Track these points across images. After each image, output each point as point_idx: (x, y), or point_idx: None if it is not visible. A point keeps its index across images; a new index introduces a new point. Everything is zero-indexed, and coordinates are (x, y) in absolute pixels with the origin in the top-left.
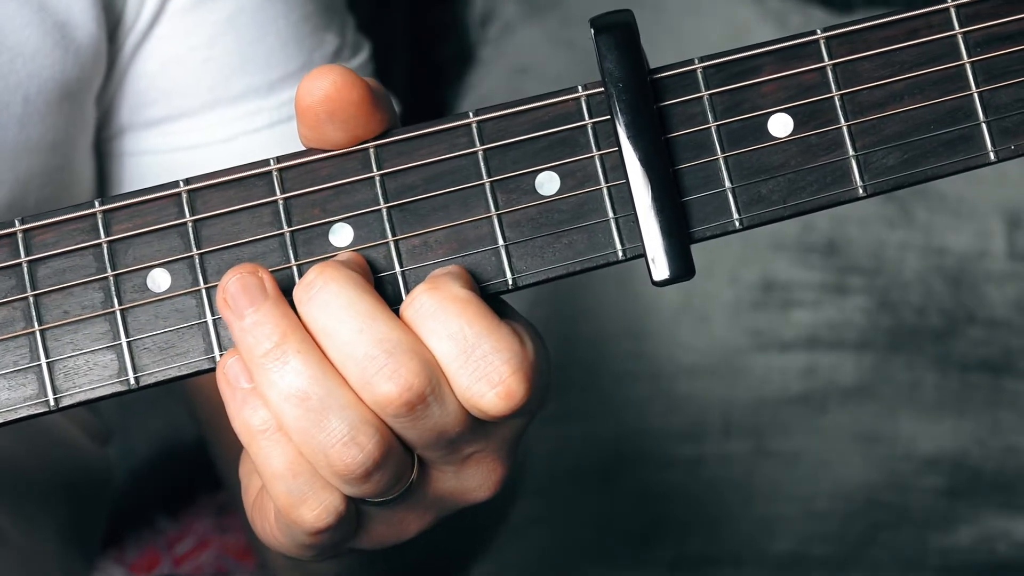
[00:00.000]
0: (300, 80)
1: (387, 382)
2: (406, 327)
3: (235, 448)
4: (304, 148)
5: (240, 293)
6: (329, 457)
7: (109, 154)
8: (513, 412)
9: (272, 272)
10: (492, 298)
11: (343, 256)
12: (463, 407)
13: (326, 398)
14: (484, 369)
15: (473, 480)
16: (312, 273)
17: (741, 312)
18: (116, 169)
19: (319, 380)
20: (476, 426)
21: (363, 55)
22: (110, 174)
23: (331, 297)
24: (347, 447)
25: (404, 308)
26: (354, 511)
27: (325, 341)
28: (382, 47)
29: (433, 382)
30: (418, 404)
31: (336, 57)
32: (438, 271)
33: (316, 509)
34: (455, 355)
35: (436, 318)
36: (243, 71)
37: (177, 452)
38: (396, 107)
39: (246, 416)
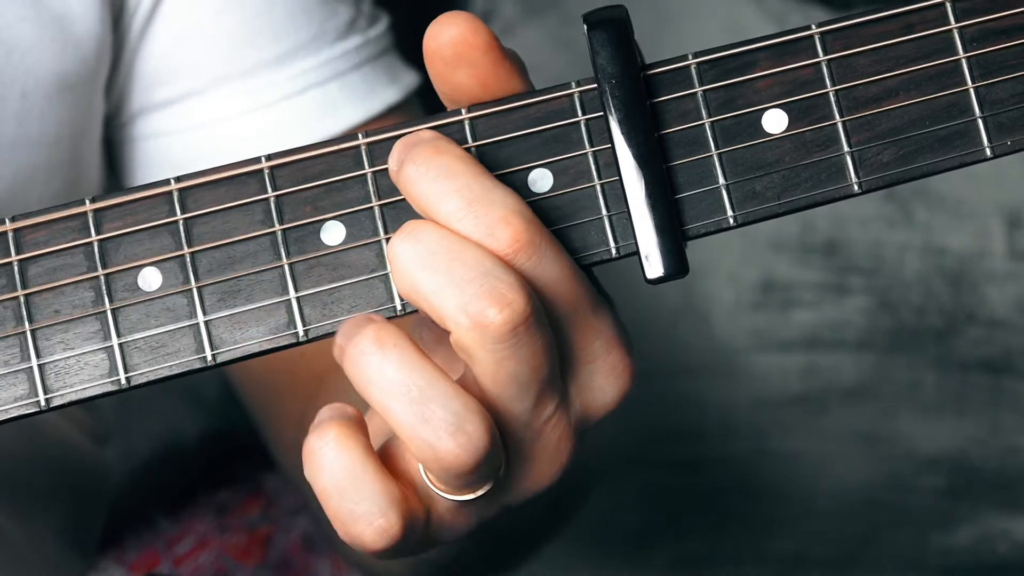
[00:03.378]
0: (311, 51)
1: (491, 308)
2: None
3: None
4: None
5: None
6: (434, 449)
7: (123, 140)
8: (522, 248)
9: (263, 271)
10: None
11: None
12: (545, 331)
13: (428, 387)
14: (485, 215)
15: (545, 453)
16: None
17: (741, 312)
18: (131, 155)
19: (420, 369)
20: (556, 370)
21: (380, 26)
22: (126, 161)
23: (424, 235)
24: (454, 436)
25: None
26: (414, 528)
27: (418, 276)
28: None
29: (535, 302)
30: (522, 325)
31: (351, 28)
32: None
33: (371, 531)
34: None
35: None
36: (251, 45)
37: (177, 452)
38: (417, 80)
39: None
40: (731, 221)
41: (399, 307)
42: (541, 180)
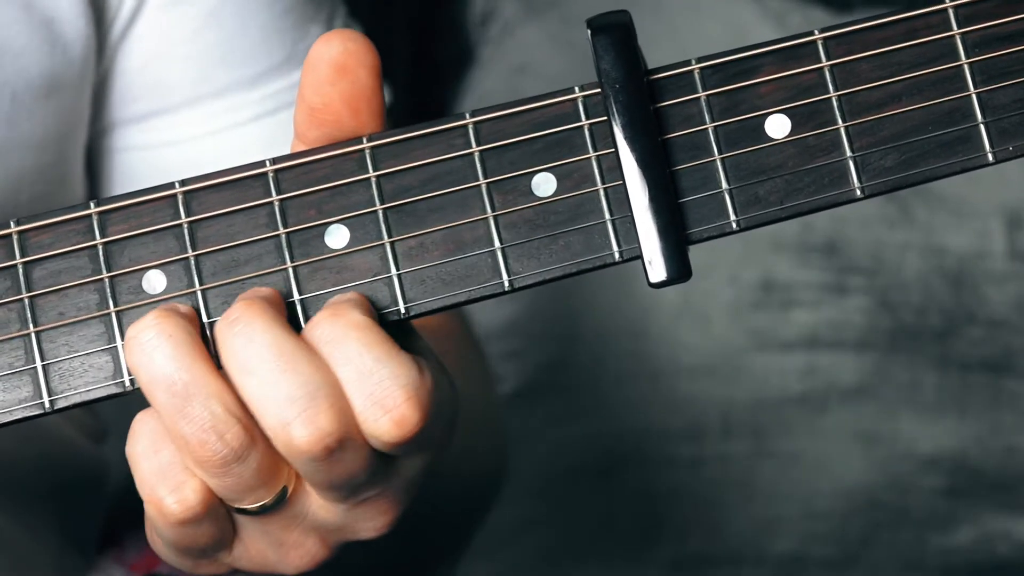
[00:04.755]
0: (283, 73)
1: (306, 427)
2: (326, 369)
3: None
4: (297, 143)
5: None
6: (190, 445)
7: (98, 150)
8: (406, 440)
9: (267, 274)
10: (396, 326)
11: (263, 291)
12: (370, 449)
13: (190, 385)
14: (379, 394)
15: (364, 521)
16: (237, 309)
17: (741, 312)
18: (104, 165)
19: (184, 367)
20: (381, 469)
21: None
22: (99, 170)
23: (256, 334)
24: (207, 433)
25: (305, 333)
26: (216, 517)
27: (245, 379)
28: (382, 47)
29: (349, 428)
30: (334, 449)
31: None
32: (336, 298)
33: (175, 501)
34: (352, 380)
35: (335, 344)
36: (225, 65)
37: None
38: (389, 98)
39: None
40: (734, 226)
41: (403, 310)
42: (545, 184)
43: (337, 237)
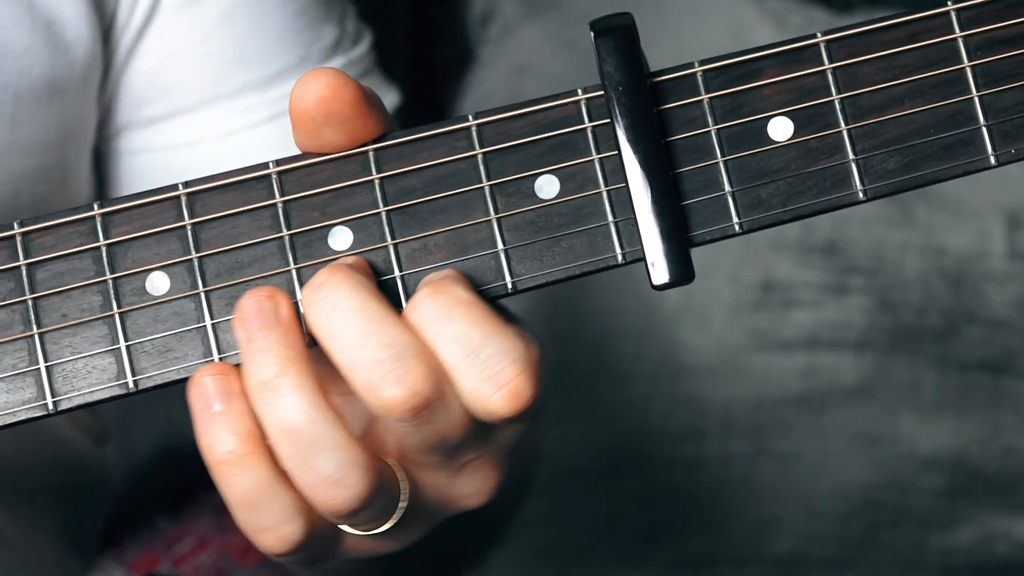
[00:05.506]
0: (299, 73)
1: (393, 387)
2: (413, 331)
3: None
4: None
5: (253, 316)
6: (314, 494)
7: (108, 153)
8: (520, 413)
9: (271, 275)
10: (490, 301)
11: (349, 260)
12: (467, 413)
13: (317, 437)
14: (491, 371)
15: (468, 487)
16: (322, 275)
17: (741, 312)
18: (115, 168)
19: (312, 418)
20: (478, 432)
21: (364, 45)
22: (109, 173)
23: (341, 300)
24: (333, 487)
25: (407, 313)
26: (321, 537)
27: (332, 344)
28: (381, 47)
29: (439, 388)
30: (423, 409)
31: (335, 48)
32: (434, 275)
33: (273, 539)
34: (461, 358)
35: (440, 321)
36: (240, 66)
37: (177, 452)
38: (398, 99)
39: (210, 441)
40: (736, 228)
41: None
42: (548, 186)
43: (340, 239)
